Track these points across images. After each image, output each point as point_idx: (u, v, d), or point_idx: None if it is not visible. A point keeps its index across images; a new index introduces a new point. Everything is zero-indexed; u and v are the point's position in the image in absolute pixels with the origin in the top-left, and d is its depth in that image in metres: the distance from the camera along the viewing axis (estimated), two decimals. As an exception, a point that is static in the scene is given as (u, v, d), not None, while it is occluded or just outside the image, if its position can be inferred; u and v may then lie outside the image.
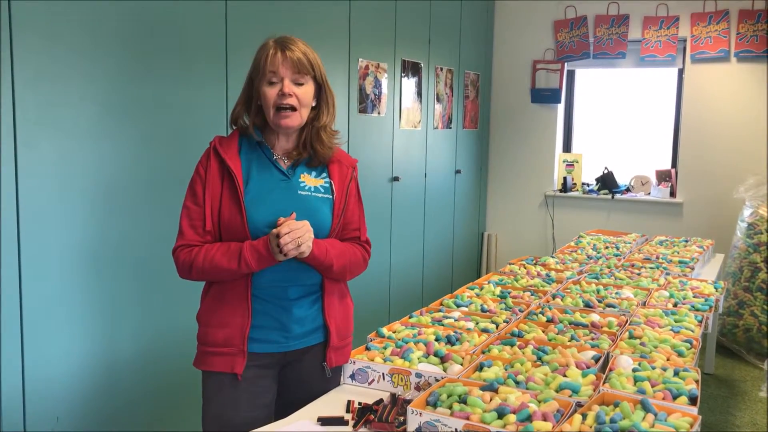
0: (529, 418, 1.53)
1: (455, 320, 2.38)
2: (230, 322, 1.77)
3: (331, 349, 1.88)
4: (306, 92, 1.78)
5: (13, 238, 2.26)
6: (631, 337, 2.25)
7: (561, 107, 5.93)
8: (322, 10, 3.65)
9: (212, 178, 1.77)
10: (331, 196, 1.85)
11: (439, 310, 2.53)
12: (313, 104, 1.83)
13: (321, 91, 1.84)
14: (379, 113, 4.29)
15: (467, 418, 1.53)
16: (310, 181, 1.84)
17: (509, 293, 2.79)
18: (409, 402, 1.67)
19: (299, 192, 1.81)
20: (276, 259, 1.70)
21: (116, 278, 2.61)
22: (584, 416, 1.56)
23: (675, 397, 1.70)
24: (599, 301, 2.69)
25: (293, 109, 1.76)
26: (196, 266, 1.75)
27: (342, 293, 1.94)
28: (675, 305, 2.71)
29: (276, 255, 1.69)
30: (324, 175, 1.87)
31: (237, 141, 1.82)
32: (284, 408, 1.86)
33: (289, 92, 1.74)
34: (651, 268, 3.44)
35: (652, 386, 1.77)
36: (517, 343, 2.12)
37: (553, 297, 2.74)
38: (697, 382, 1.82)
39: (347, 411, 1.76)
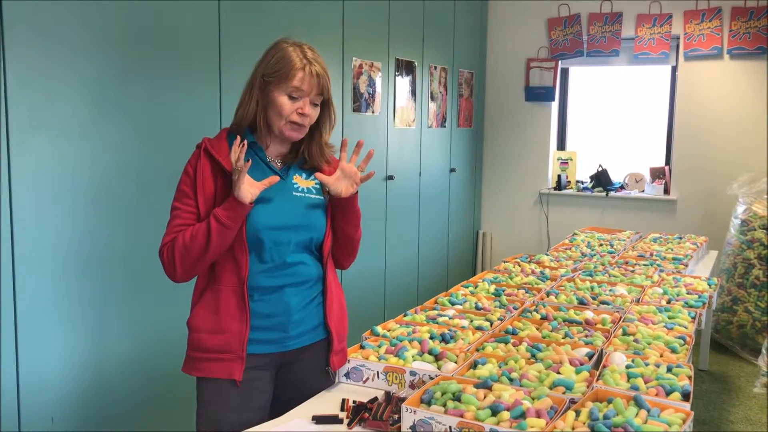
0: (523, 415, 1.53)
1: (450, 318, 2.39)
2: (227, 327, 1.75)
3: (333, 353, 1.89)
4: (317, 112, 1.81)
5: (7, 240, 2.26)
6: (624, 333, 2.25)
7: (555, 105, 5.95)
8: (315, 9, 3.65)
9: (204, 178, 1.75)
10: (321, 197, 1.86)
11: (434, 309, 2.53)
12: None
13: (325, 107, 1.85)
14: (373, 112, 4.29)
15: (461, 416, 1.53)
16: (302, 182, 1.85)
17: (503, 291, 2.80)
18: (403, 400, 1.68)
19: (293, 193, 1.82)
20: (239, 196, 1.65)
21: (109, 279, 2.61)
22: (578, 413, 1.57)
23: (668, 393, 1.70)
24: (593, 299, 2.70)
25: (304, 126, 1.79)
26: (178, 250, 1.70)
27: (339, 295, 1.94)
28: (668, 302, 2.72)
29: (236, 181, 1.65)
30: (314, 176, 1.87)
31: (226, 141, 1.80)
32: (280, 409, 1.84)
33: (308, 113, 1.76)
34: (645, 265, 3.45)
35: (646, 382, 1.78)
36: (512, 340, 2.13)
37: (548, 294, 2.75)
38: (690, 378, 1.82)
39: (342, 409, 1.77)
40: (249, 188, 1.68)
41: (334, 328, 1.88)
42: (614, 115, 5.94)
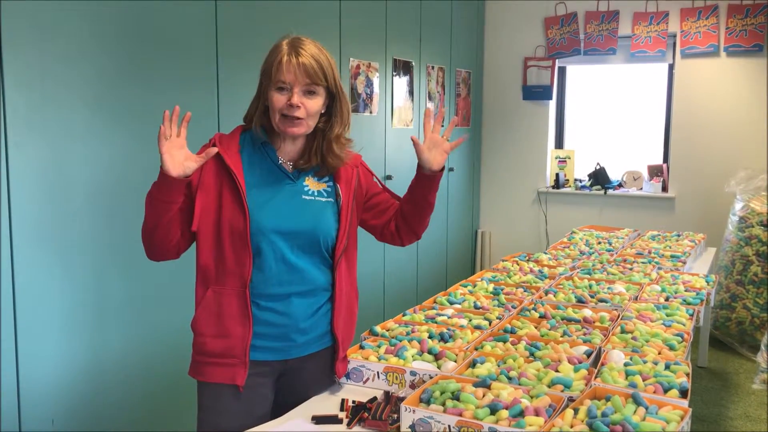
0: (522, 414, 1.54)
1: (448, 317, 2.39)
2: (230, 331, 1.71)
3: (338, 361, 1.87)
4: (315, 103, 1.71)
5: (6, 241, 2.26)
6: (622, 331, 2.26)
7: (552, 104, 5.95)
8: (312, 10, 3.65)
9: (208, 177, 1.71)
10: (333, 200, 1.81)
11: (433, 308, 2.54)
12: (323, 111, 1.76)
13: (334, 100, 1.76)
14: (371, 112, 4.30)
15: (460, 415, 1.54)
16: (313, 185, 1.80)
17: (502, 290, 2.80)
18: (402, 399, 1.68)
19: (303, 197, 1.77)
20: (163, 166, 1.57)
21: (109, 280, 2.61)
22: (576, 411, 1.58)
23: (666, 391, 1.71)
24: (591, 297, 2.70)
25: (299, 118, 1.70)
26: (142, 226, 1.69)
27: (349, 301, 1.90)
28: (667, 299, 2.73)
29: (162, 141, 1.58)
30: (327, 178, 1.83)
31: (238, 139, 1.77)
32: (280, 414, 1.81)
33: (297, 103, 1.66)
34: (643, 262, 3.45)
35: (644, 380, 1.78)
36: (510, 339, 2.14)
37: (546, 293, 2.76)
38: (687, 375, 1.83)
39: (341, 409, 1.77)
40: (182, 161, 1.59)
41: (340, 337, 1.85)
42: (612, 113, 5.94)
